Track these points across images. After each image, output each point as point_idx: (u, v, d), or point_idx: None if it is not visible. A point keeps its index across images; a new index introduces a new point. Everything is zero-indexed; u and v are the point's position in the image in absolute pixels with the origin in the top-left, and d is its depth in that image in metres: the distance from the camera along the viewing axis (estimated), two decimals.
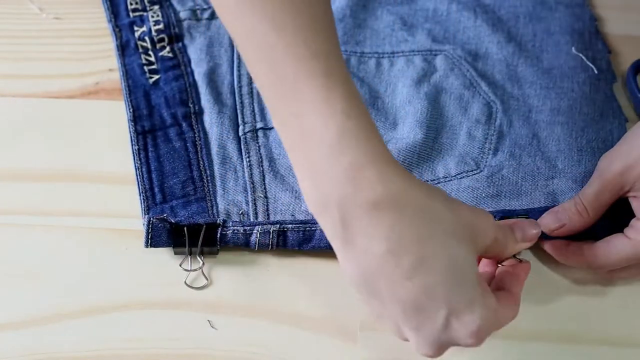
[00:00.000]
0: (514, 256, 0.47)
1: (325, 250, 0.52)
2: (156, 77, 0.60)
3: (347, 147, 0.39)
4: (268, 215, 0.54)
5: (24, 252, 0.53)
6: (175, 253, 0.52)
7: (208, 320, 0.50)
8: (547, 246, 0.51)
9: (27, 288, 0.51)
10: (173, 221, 0.51)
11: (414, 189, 0.40)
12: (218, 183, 0.55)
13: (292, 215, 0.54)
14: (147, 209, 0.54)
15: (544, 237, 0.50)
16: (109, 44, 0.63)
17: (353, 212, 0.39)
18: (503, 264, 0.47)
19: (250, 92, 0.60)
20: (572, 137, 0.58)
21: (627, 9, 0.67)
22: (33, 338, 0.49)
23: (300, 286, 0.52)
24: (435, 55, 0.62)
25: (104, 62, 0.62)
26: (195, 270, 0.52)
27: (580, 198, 0.50)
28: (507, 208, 0.55)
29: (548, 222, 0.50)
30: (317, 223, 0.52)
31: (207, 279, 0.52)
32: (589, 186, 0.50)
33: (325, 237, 0.50)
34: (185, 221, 0.52)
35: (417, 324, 0.40)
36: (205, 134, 0.58)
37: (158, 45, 0.62)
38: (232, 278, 0.52)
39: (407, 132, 0.57)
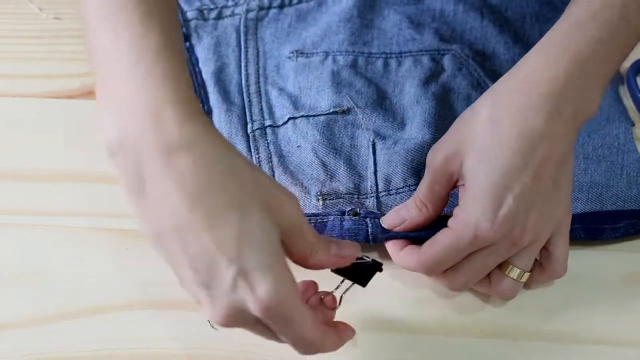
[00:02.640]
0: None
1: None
2: None
3: (152, 84, 0.38)
4: None
5: (24, 252, 0.53)
6: None
7: (208, 321, 0.49)
8: (388, 245, 0.51)
9: (27, 288, 0.51)
10: None
11: (215, 138, 0.39)
12: None
13: (303, 209, 0.53)
14: None
15: (391, 236, 0.50)
16: None
17: (148, 156, 0.37)
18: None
19: (258, 91, 0.60)
20: (578, 143, 0.57)
21: None
22: (33, 338, 0.49)
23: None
24: (443, 54, 0.62)
25: None
26: None
27: (417, 194, 0.49)
28: None
29: (390, 218, 0.50)
30: (328, 215, 0.52)
31: None
32: (422, 181, 0.49)
33: (336, 228, 0.50)
34: None
35: (207, 279, 0.38)
36: None
37: None
38: None
39: (415, 132, 0.57)
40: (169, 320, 0.50)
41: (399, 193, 0.55)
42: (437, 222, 0.49)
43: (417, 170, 0.55)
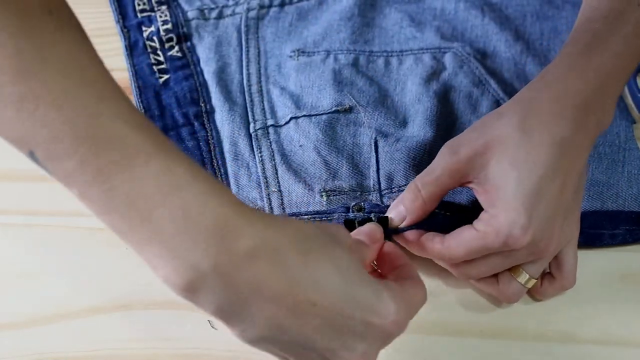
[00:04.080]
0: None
1: None
2: (166, 76, 0.60)
3: (204, 207, 0.34)
4: (284, 208, 0.54)
5: (24, 252, 0.53)
6: None
7: (208, 320, 0.50)
8: (401, 240, 0.50)
9: (27, 288, 0.51)
10: None
11: (285, 227, 0.36)
12: (232, 180, 0.55)
13: (308, 206, 0.54)
14: None
15: (398, 232, 0.49)
16: (112, 43, 0.63)
17: (235, 274, 0.34)
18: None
19: (260, 91, 0.60)
20: None
21: None
22: (33, 338, 0.49)
23: None
24: (444, 52, 0.62)
25: (107, 62, 0.60)
26: None
27: (417, 182, 0.48)
28: None
29: (390, 210, 0.49)
30: (333, 212, 0.52)
31: None
32: (429, 171, 0.48)
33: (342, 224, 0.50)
34: None
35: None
36: (217, 132, 0.57)
37: (167, 45, 0.62)
38: None
39: (417, 130, 0.57)
40: (169, 320, 0.50)
41: (402, 191, 0.54)
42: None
43: (419, 168, 0.55)
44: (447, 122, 0.58)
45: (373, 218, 0.50)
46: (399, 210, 0.49)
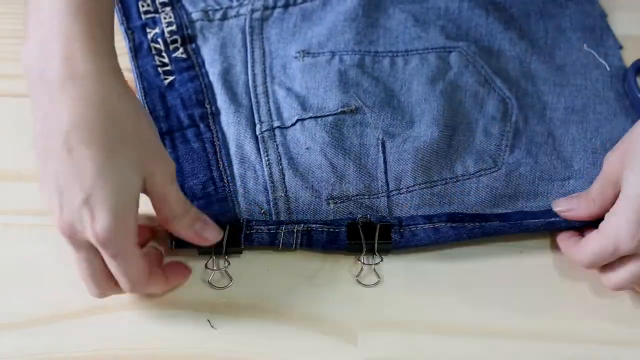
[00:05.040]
0: None
1: (347, 251, 0.53)
2: (171, 78, 0.60)
3: (70, 20, 0.43)
4: (290, 213, 0.54)
5: (24, 252, 0.53)
6: (200, 254, 0.52)
7: (208, 320, 0.50)
8: (558, 237, 0.53)
9: (27, 288, 0.51)
10: None
11: (114, 82, 0.44)
12: (238, 183, 0.55)
13: (315, 213, 0.54)
14: None
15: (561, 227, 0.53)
16: (116, 43, 0.61)
17: (52, 81, 0.42)
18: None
19: (266, 92, 0.59)
20: (586, 138, 0.58)
21: (627, 9, 0.68)
22: (33, 338, 0.49)
23: (300, 286, 0.52)
24: (449, 52, 0.62)
25: None
26: (220, 269, 0.52)
27: (591, 188, 0.52)
28: (524, 209, 0.54)
29: (561, 203, 0.53)
30: (341, 225, 0.52)
31: (230, 278, 0.52)
32: (597, 179, 0.51)
33: (346, 238, 0.51)
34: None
35: (63, 189, 0.42)
36: (223, 134, 0.57)
37: (171, 47, 0.62)
38: (231, 278, 0.52)
39: (424, 130, 0.56)
40: (169, 320, 0.50)
41: (410, 191, 0.54)
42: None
43: (427, 168, 0.55)
44: (453, 122, 0.58)
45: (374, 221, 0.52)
46: (571, 202, 0.52)
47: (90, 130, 0.42)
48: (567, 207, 0.52)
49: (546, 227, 0.53)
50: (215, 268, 0.51)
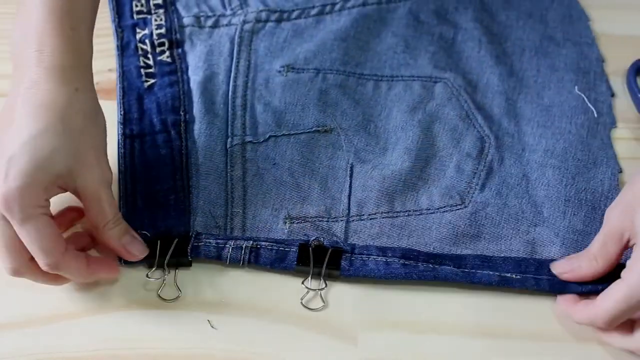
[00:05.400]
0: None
1: (296, 273, 0.52)
2: (152, 81, 0.60)
3: (49, 28, 0.47)
4: (244, 230, 0.53)
5: None
6: (149, 265, 0.52)
7: (208, 320, 0.50)
8: (560, 300, 0.51)
9: (26, 288, 0.50)
10: (148, 234, 0.51)
11: (66, 87, 0.46)
12: (200, 194, 0.54)
13: (269, 232, 0.53)
14: (127, 214, 0.53)
15: (558, 290, 0.51)
16: (109, 43, 0.63)
17: (20, 75, 0.46)
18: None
19: (244, 105, 0.59)
20: (561, 184, 0.56)
21: (627, 9, 0.66)
22: (33, 338, 0.49)
23: (301, 286, 0.51)
24: (435, 82, 0.61)
25: (103, 62, 0.62)
26: (162, 279, 0.51)
27: (591, 246, 0.50)
28: (484, 253, 0.53)
29: (560, 265, 0.51)
30: (292, 244, 0.52)
31: (179, 290, 0.51)
32: (597, 236, 0.50)
33: (296, 259, 0.51)
34: (159, 233, 0.52)
35: None
36: (194, 143, 0.57)
37: (158, 49, 0.62)
38: (231, 278, 0.52)
39: (395, 158, 0.56)
40: (169, 320, 0.50)
41: (371, 219, 0.54)
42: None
43: (391, 197, 0.54)
44: (427, 154, 0.57)
45: (327, 245, 0.51)
46: (571, 263, 0.51)
47: (38, 106, 0.45)
48: (568, 268, 0.50)
49: (498, 284, 0.51)
50: (158, 278, 0.51)
